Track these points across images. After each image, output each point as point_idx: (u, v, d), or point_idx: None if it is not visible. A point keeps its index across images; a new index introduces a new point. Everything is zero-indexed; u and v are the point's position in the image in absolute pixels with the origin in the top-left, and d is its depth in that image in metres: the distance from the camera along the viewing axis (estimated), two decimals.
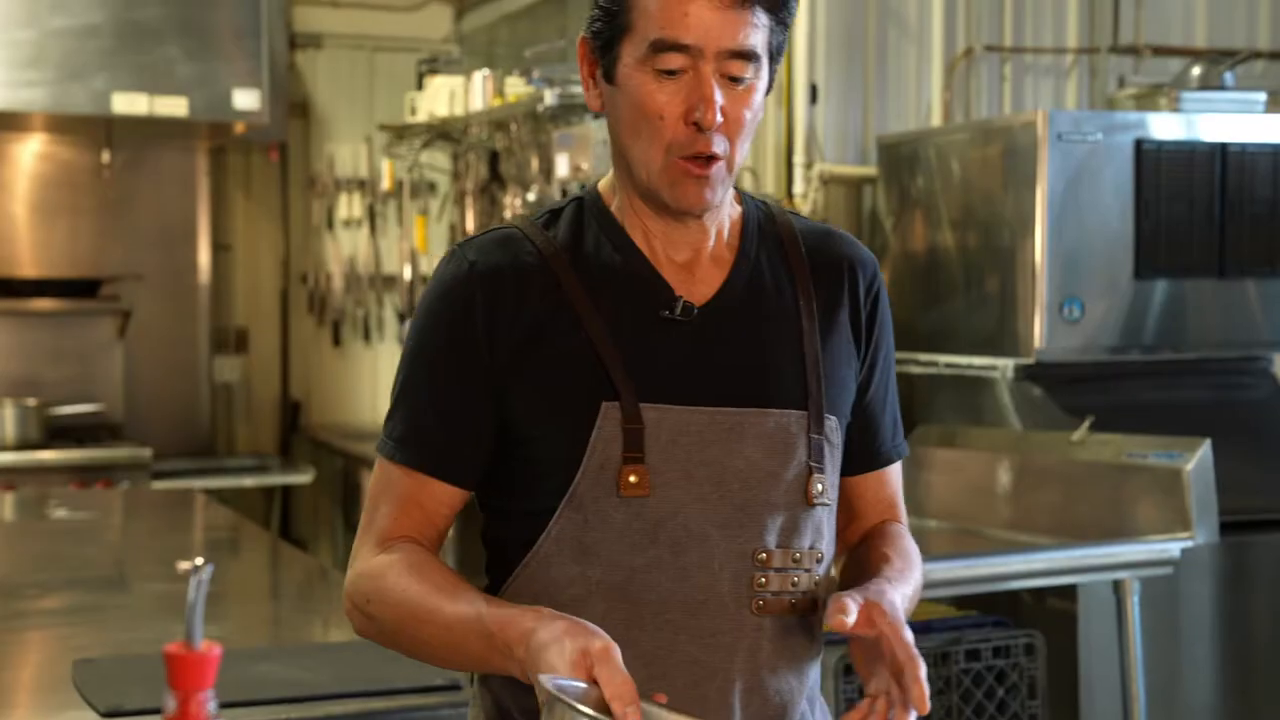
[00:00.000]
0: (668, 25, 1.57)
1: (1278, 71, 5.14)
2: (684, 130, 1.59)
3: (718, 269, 1.70)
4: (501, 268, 1.66)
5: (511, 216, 1.81)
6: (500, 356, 1.64)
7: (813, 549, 1.69)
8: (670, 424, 1.63)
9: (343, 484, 6.34)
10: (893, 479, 1.83)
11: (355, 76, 6.71)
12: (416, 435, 1.67)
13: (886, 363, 1.79)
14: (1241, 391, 4.24)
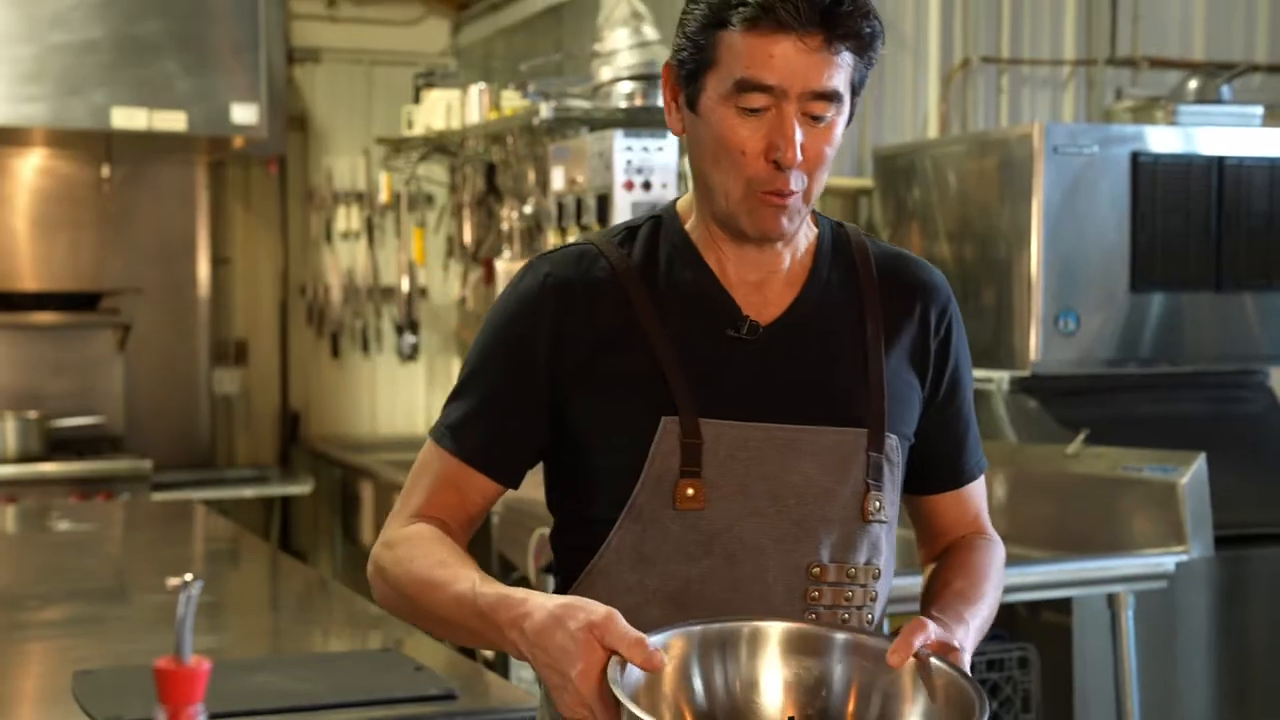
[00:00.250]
0: (753, 65, 1.60)
1: (1275, 84, 5.15)
2: (764, 166, 1.63)
3: (789, 289, 1.74)
4: (573, 281, 1.71)
5: (588, 234, 1.88)
6: (565, 368, 1.70)
7: (869, 565, 1.72)
8: (729, 439, 1.67)
9: (341, 495, 6.35)
10: (974, 495, 1.87)
11: (353, 90, 6.74)
12: (468, 428, 1.73)
13: (963, 385, 1.82)
14: (1238, 405, 4.24)
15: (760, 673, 1.58)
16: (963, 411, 1.83)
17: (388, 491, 5.80)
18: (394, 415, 6.78)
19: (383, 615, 3.06)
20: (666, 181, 4.05)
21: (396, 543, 1.73)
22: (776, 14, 1.58)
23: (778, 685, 1.58)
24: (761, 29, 1.59)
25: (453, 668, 2.58)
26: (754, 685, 1.57)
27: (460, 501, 1.75)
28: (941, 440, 1.81)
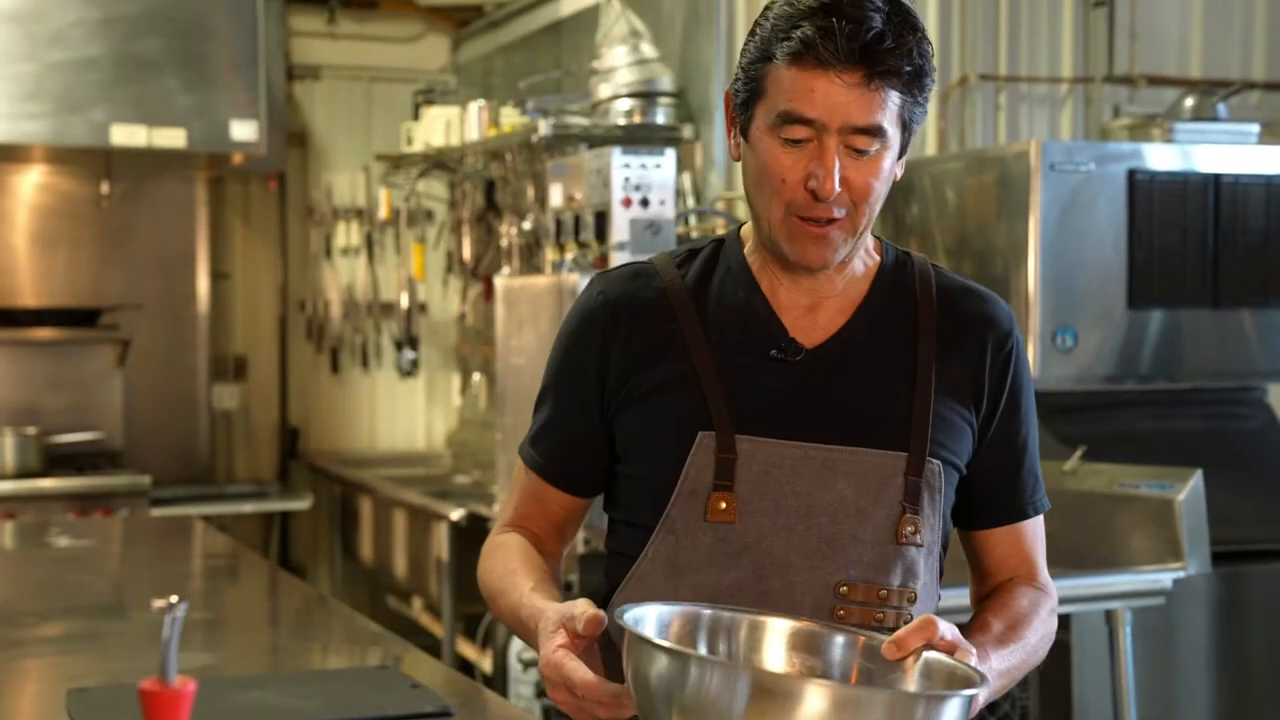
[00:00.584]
0: (795, 99, 1.66)
1: (1272, 102, 5.16)
2: (802, 194, 1.68)
3: (841, 314, 1.78)
4: (623, 298, 1.80)
5: (653, 255, 1.93)
6: (612, 382, 1.79)
7: (904, 588, 1.74)
8: (763, 456, 1.72)
9: (341, 510, 6.35)
10: (1027, 535, 1.85)
11: (353, 107, 6.75)
12: (541, 442, 1.87)
13: (1022, 419, 1.83)
14: (1236, 421, 4.25)
15: (759, 658, 1.61)
16: (1017, 447, 1.83)
17: (387, 507, 5.80)
18: (393, 431, 6.78)
19: (381, 632, 3.07)
20: (665, 198, 4.05)
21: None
22: (818, 51, 1.63)
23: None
24: (804, 64, 1.64)
25: (450, 685, 2.58)
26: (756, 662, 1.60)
27: (543, 512, 1.88)
28: (993, 474, 1.82)
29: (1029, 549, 1.85)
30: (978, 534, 1.85)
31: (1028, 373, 1.84)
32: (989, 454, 1.81)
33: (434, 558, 5.22)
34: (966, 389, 1.78)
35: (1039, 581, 1.84)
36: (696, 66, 4.82)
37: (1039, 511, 1.85)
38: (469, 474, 5.98)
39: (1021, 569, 1.84)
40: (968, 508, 1.83)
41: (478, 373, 6.12)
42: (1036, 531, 1.86)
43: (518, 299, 4.35)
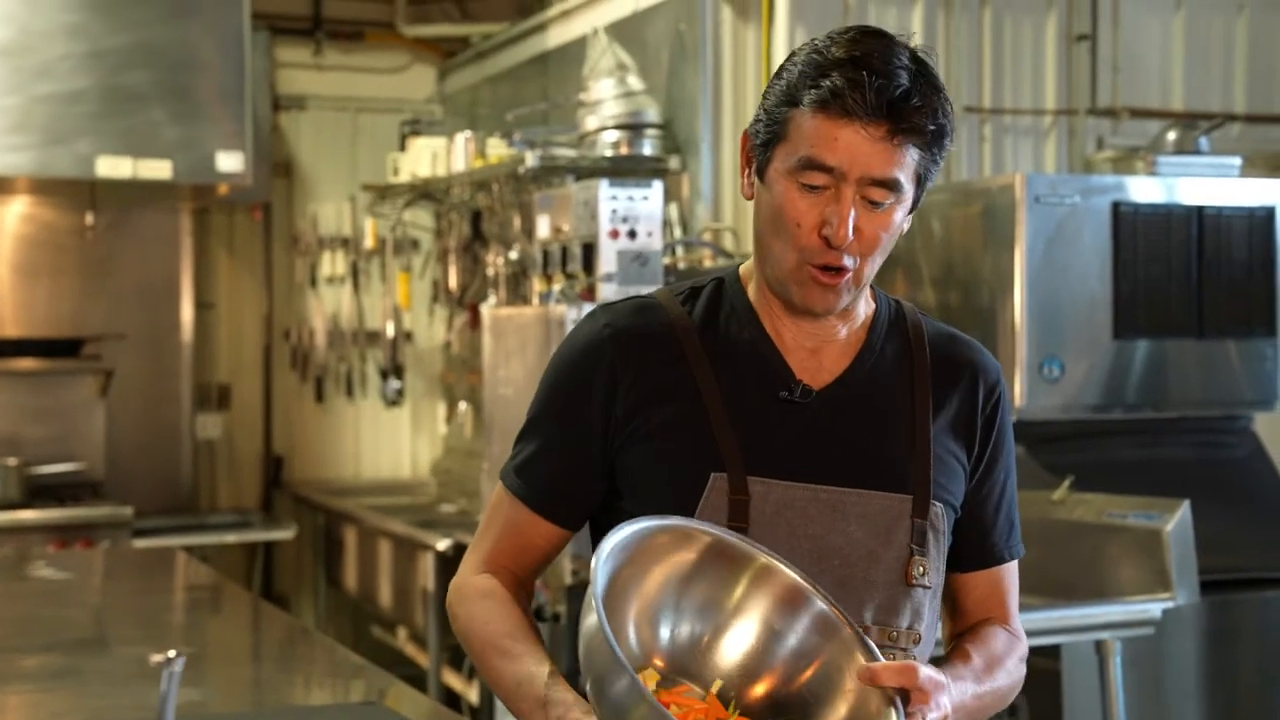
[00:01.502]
0: (817, 146, 1.66)
1: (1254, 135, 5.19)
2: (816, 240, 1.69)
3: (844, 357, 1.79)
4: (630, 333, 1.78)
5: (654, 290, 1.92)
6: (618, 417, 1.76)
7: (910, 630, 1.75)
8: (775, 498, 1.72)
9: (325, 540, 6.33)
10: (1003, 579, 1.87)
11: (338, 137, 6.75)
12: (529, 471, 1.81)
13: (1004, 465, 1.84)
14: (1222, 450, 4.26)
15: (740, 610, 1.64)
16: (998, 492, 1.84)
17: (372, 536, 5.78)
18: (378, 460, 6.77)
19: (364, 664, 3.05)
20: (652, 230, 4.05)
21: (469, 594, 1.81)
22: (845, 101, 1.64)
23: (751, 630, 1.64)
24: (830, 112, 1.65)
25: (436, 718, 2.57)
26: (726, 623, 1.64)
27: (525, 546, 1.82)
28: (976, 518, 1.83)
29: (1004, 593, 1.86)
30: (957, 576, 1.85)
31: (1010, 421, 1.86)
32: (974, 498, 1.82)
33: (419, 588, 5.20)
34: (960, 432, 1.80)
35: (1011, 627, 1.86)
36: (682, 99, 4.83)
37: (1015, 556, 1.87)
38: (454, 503, 5.96)
39: (995, 612, 1.86)
40: (956, 548, 1.83)
41: (464, 401, 6.10)
42: (1012, 577, 1.87)
43: (505, 329, 4.35)
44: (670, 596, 1.64)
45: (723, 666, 1.65)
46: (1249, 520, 4.15)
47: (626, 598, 1.61)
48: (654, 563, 1.63)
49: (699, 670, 1.65)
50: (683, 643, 1.65)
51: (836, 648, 1.64)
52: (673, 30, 4.87)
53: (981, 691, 1.73)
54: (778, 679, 1.65)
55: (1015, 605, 1.87)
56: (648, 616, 1.64)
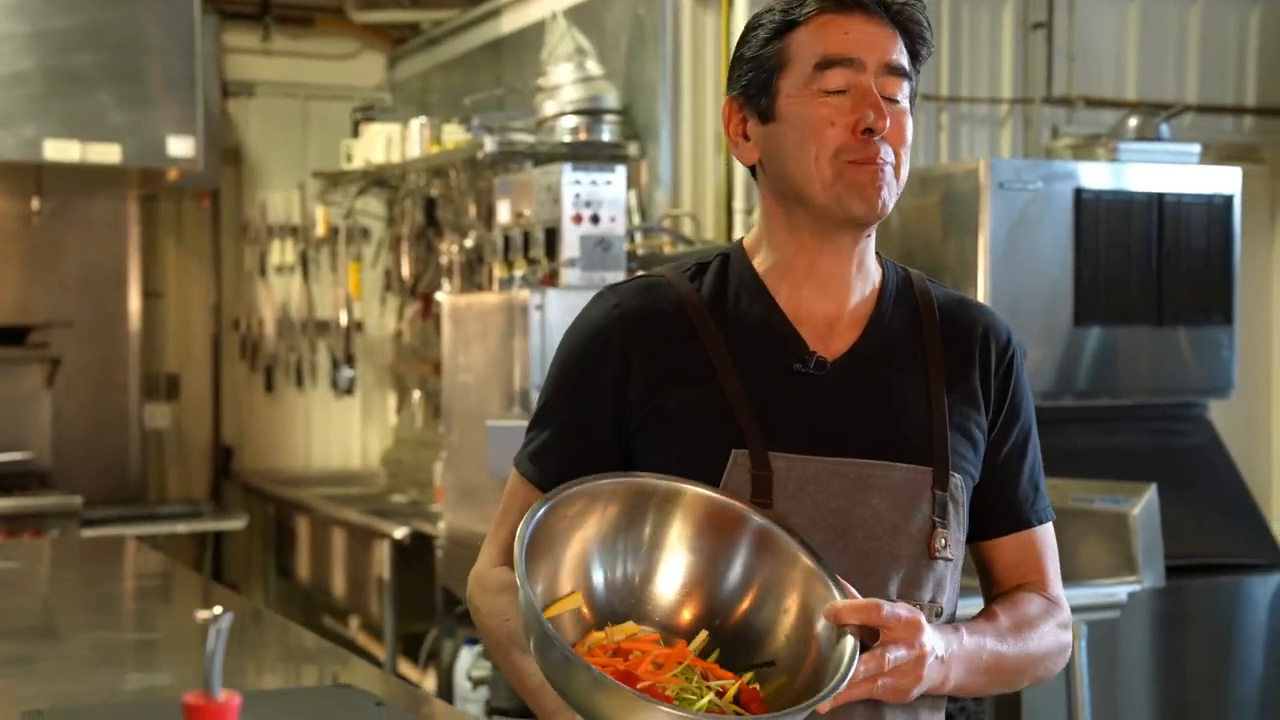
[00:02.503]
0: (830, 45, 1.68)
1: (1205, 124, 5.24)
2: (854, 138, 1.67)
3: (854, 327, 1.76)
4: (640, 313, 1.74)
5: (660, 268, 1.88)
6: (632, 398, 1.72)
7: (933, 602, 1.72)
8: (798, 473, 1.69)
9: (276, 530, 6.27)
10: (1034, 545, 1.82)
11: (288, 124, 6.69)
12: (544, 456, 1.76)
13: (1022, 428, 1.81)
14: (1178, 438, 4.29)
15: (665, 545, 1.64)
16: (1019, 455, 1.81)
17: (324, 526, 5.74)
18: (329, 450, 6.71)
19: (321, 648, 3.02)
20: (615, 215, 4.04)
21: (490, 586, 1.80)
22: (843, 1, 1.68)
23: (680, 562, 1.64)
24: (831, 13, 1.68)
25: (407, 698, 2.55)
26: (655, 559, 1.63)
27: None
28: (996, 483, 1.80)
29: (1037, 558, 1.82)
30: (984, 544, 1.83)
31: (1027, 385, 1.82)
32: (994, 463, 1.79)
33: (375, 577, 5.17)
34: (975, 398, 1.77)
35: (1050, 593, 1.81)
36: (641, 84, 4.82)
37: (1042, 521, 1.83)
38: (406, 493, 5.92)
39: (1030, 577, 1.81)
40: (978, 516, 1.81)
41: (417, 391, 6.06)
42: (1045, 541, 1.83)
43: (465, 317, 4.32)
44: (597, 549, 1.63)
45: (662, 603, 1.64)
46: (1203, 507, 4.18)
47: (553, 559, 1.60)
48: (573, 527, 1.61)
49: (640, 610, 1.64)
50: (618, 587, 1.63)
51: (775, 562, 1.63)
52: (631, 15, 4.85)
53: (1005, 651, 1.70)
54: (723, 604, 1.64)
55: (1054, 571, 1.83)
56: (577, 573, 1.62)
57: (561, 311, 3.93)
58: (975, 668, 1.67)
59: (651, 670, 1.56)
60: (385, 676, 2.84)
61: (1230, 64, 5.36)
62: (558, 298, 3.94)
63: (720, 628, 1.64)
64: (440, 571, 4.49)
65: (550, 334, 3.91)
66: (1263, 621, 4.26)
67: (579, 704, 1.50)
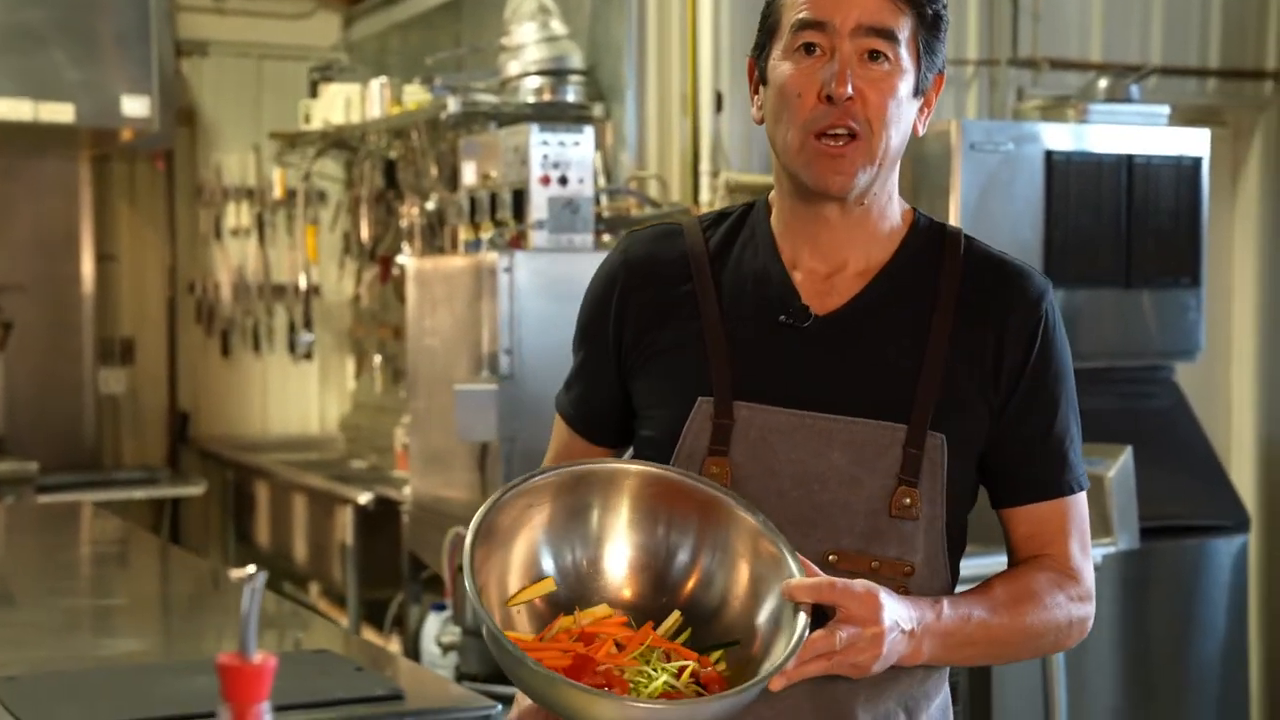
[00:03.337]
0: (807, 6, 1.68)
1: (1170, 86, 5.24)
2: (818, 106, 1.66)
3: (859, 281, 1.74)
4: (645, 257, 1.81)
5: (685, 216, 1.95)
6: (627, 339, 1.80)
7: (900, 560, 1.69)
8: (760, 423, 1.71)
9: (235, 495, 6.21)
10: (1054, 515, 1.77)
11: (242, 84, 6.59)
12: (569, 393, 1.90)
13: (1048, 399, 1.74)
14: (1145, 401, 4.30)
15: (611, 534, 1.66)
16: (1041, 425, 1.74)
17: (285, 491, 5.68)
18: (286, 415, 6.64)
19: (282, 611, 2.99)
20: (583, 176, 4.00)
21: None
22: None
23: (625, 550, 1.66)
24: None
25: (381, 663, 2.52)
26: (602, 541, 1.66)
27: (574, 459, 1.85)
28: (1013, 452, 1.75)
29: (1056, 530, 1.77)
30: (1004, 511, 1.79)
31: (1058, 351, 1.75)
32: (1011, 430, 1.74)
33: (338, 543, 5.12)
34: (985, 364, 1.72)
35: (1068, 566, 1.77)
36: (607, 44, 4.77)
37: (1066, 492, 1.77)
38: (365, 459, 5.87)
39: (1048, 549, 1.77)
40: (992, 483, 1.78)
41: (378, 355, 6.00)
42: (1069, 513, 1.77)
43: (430, 280, 4.27)
44: (544, 540, 1.65)
45: (614, 584, 1.66)
46: (1169, 470, 4.19)
47: (503, 556, 1.62)
48: (519, 524, 1.63)
49: (594, 594, 1.65)
50: (569, 574, 1.65)
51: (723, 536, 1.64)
52: None
53: (995, 623, 1.67)
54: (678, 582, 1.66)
55: (1075, 545, 1.78)
56: (528, 566, 1.64)
57: (530, 274, 3.90)
58: (957, 639, 1.65)
59: (611, 653, 1.56)
60: (351, 639, 2.81)
61: (1194, 26, 5.36)
62: (526, 260, 3.90)
63: (690, 607, 1.64)
64: (406, 537, 4.45)
65: (519, 297, 3.88)
66: (1226, 583, 4.29)
67: (537, 696, 1.54)
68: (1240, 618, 4.31)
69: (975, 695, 3.65)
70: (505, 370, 3.82)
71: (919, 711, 1.75)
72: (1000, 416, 1.73)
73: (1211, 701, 4.26)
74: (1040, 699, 3.53)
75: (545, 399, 3.77)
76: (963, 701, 3.47)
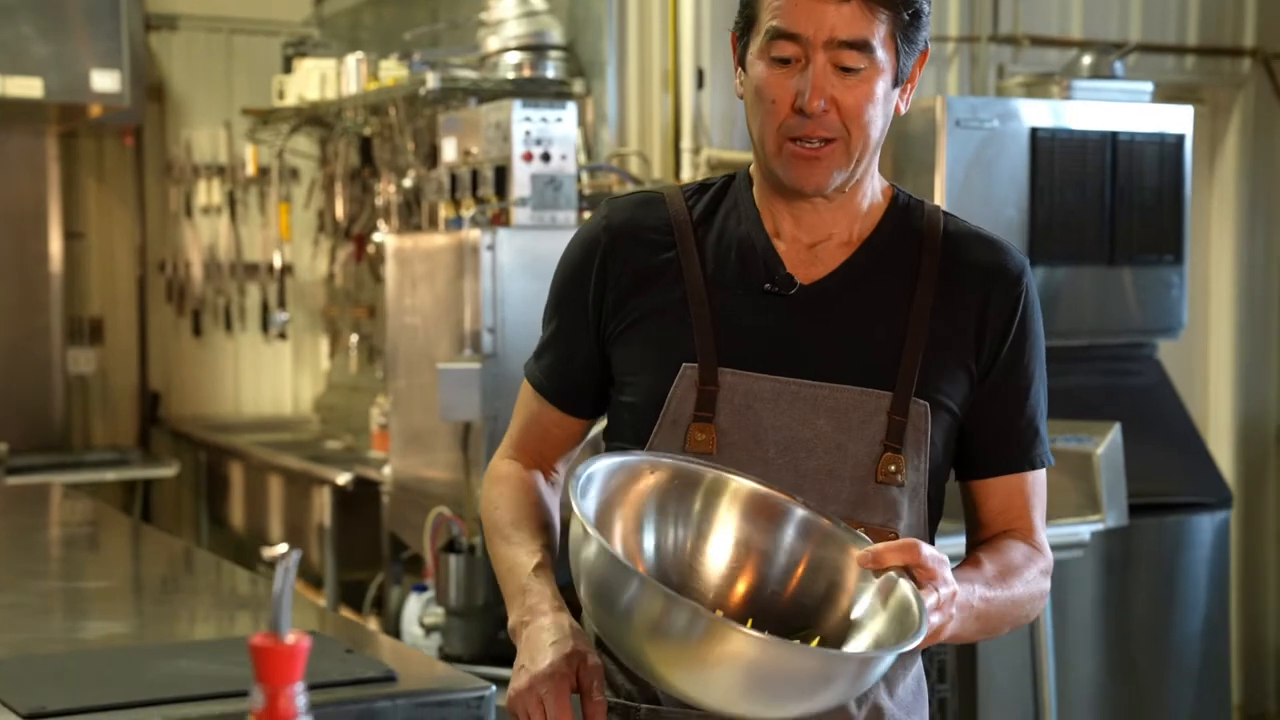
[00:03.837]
0: (780, 16, 1.67)
1: (1149, 64, 5.24)
2: (792, 115, 1.68)
3: (843, 251, 1.77)
4: (626, 224, 1.81)
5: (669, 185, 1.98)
6: (609, 305, 1.79)
7: (885, 527, 1.71)
8: (745, 389, 1.72)
9: (207, 477, 6.15)
10: (1023, 489, 1.81)
11: (212, 59, 6.51)
12: (540, 359, 1.88)
13: (1024, 372, 1.78)
14: (1127, 378, 4.29)
15: (713, 525, 1.66)
16: (1016, 398, 1.79)
17: (260, 472, 5.63)
18: (259, 395, 6.58)
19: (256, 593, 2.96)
20: (566, 153, 3.95)
21: (490, 479, 1.91)
22: None
23: (728, 542, 1.66)
24: None
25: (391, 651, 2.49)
26: (704, 536, 1.66)
27: (543, 434, 1.90)
28: (990, 424, 1.79)
29: (1024, 504, 1.81)
30: (972, 484, 1.82)
31: (1036, 326, 1.79)
32: (987, 403, 1.77)
33: (315, 524, 5.08)
34: (967, 335, 1.75)
35: (1034, 540, 1.81)
36: (587, 20, 4.72)
37: (1036, 466, 1.81)
38: (340, 439, 5.82)
39: (1016, 523, 1.80)
40: (964, 456, 1.80)
41: (354, 335, 5.94)
42: (1034, 489, 1.81)
43: (410, 258, 4.22)
44: (645, 521, 1.64)
45: (710, 581, 1.65)
46: (1152, 447, 4.19)
47: (607, 527, 1.62)
48: (621, 496, 1.64)
49: (690, 586, 1.65)
50: (668, 560, 1.65)
51: (820, 545, 1.65)
52: None
53: (992, 596, 1.69)
54: (768, 587, 1.66)
55: (1040, 519, 1.82)
56: (630, 542, 1.64)
57: (513, 251, 3.85)
58: (968, 615, 1.66)
59: None
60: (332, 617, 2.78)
61: (1172, 4, 5.35)
62: (509, 237, 3.86)
63: (766, 607, 1.65)
64: (386, 518, 4.41)
65: (502, 274, 3.83)
66: (1207, 559, 4.30)
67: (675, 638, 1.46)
68: (1222, 593, 4.32)
69: (962, 673, 3.64)
70: (488, 349, 3.78)
71: (896, 682, 1.78)
72: (981, 387, 1.77)
73: (1193, 676, 4.27)
74: (1028, 675, 3.53)
75: None
76: (950, 679, 3.45)
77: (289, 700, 1.10)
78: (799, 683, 1.44)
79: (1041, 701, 3.38)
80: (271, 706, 1.10)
